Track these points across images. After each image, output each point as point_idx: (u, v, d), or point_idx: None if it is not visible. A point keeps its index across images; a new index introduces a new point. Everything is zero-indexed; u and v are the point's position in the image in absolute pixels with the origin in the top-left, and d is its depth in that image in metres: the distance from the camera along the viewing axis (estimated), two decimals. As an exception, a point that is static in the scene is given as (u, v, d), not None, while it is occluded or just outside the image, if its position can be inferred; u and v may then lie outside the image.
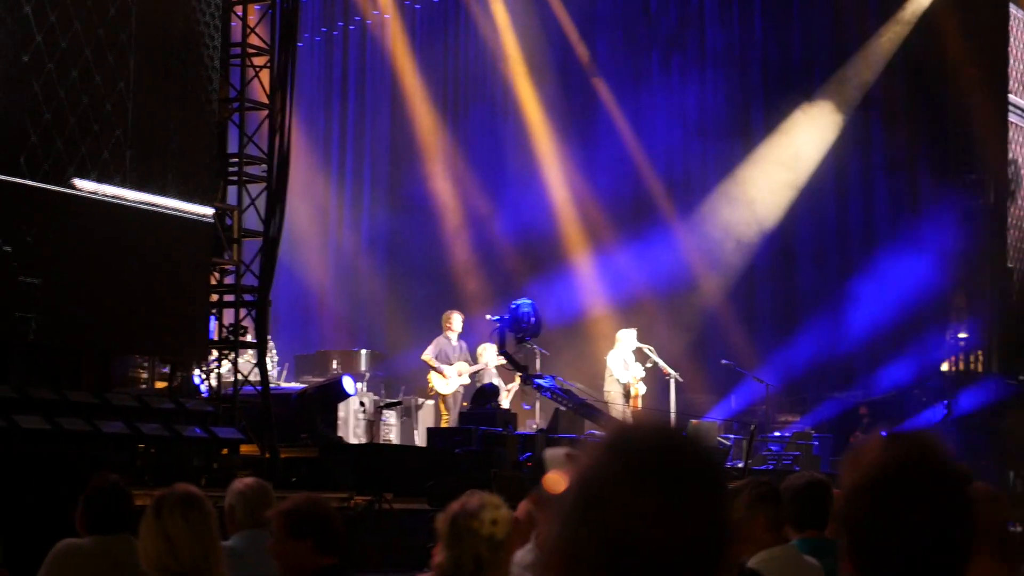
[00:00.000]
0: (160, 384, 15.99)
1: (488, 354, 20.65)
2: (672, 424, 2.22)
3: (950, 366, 24.60)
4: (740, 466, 17.85)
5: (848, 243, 25.86)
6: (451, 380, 20.51)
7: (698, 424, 20.80)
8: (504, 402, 20.24)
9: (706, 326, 25.88)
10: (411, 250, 27.49)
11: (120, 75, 14.55)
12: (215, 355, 16.78)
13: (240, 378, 16.47)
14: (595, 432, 18.68)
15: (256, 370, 16.48)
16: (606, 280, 26.28)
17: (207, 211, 15.58)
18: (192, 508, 5.25)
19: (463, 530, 4.69)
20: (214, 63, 15.84)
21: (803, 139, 25.54)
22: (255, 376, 16.46)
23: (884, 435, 2.55)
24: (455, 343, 20.78)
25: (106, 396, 14.17)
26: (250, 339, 16.94)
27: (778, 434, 22.44)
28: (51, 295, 13.50)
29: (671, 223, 26.55)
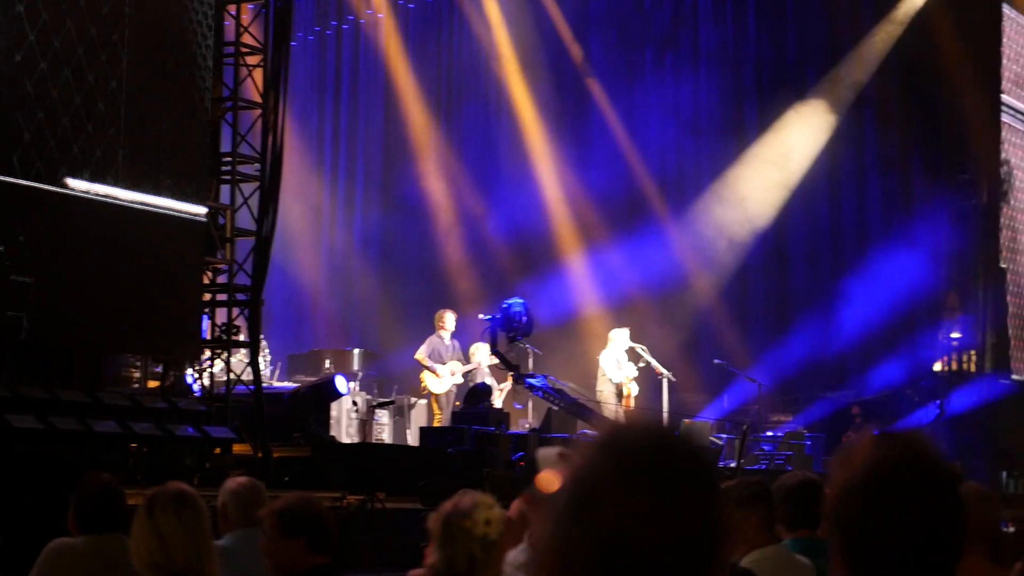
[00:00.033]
0: (152, 383, 15.98)
1: (481, 353, 20.62)
2: (664, 424, 2.22)
3: (943, 366, 24.59)
4: (733, 466, 17.84)
5: (841, 243, 25.86)
6: (444, 379, 20.49)
7: (691, 424, 20.80)
8: (497, 401, 20.23)
9: (699, 325, 25.89)
10: (404, 249, 27.49)
11: (113, 74, 14.54)
12: (208, 354, 16.77)
13: (233, 377, 16.46)
14: (588, 432, 18.67)
15: (249, 369, 16.47)
16: (599, 279, 26.27)
17: (200, 210, 15.57)
18: (185, 506, 5.24)
19: (456, 530, 4.66)
20: (207, 62, 15.83)
21: (796, 138, 25.54)
22: (248, 375, 16.45)
23: (875, 434, 2.54)
24: (448, 342, 20.77)
25: (98, 395, 14.15)
26: (243, 338, 16.94)
27: (770, 434, 22.43)
28: (43, 294, 13.49)
29: (664, 222, 26.55)
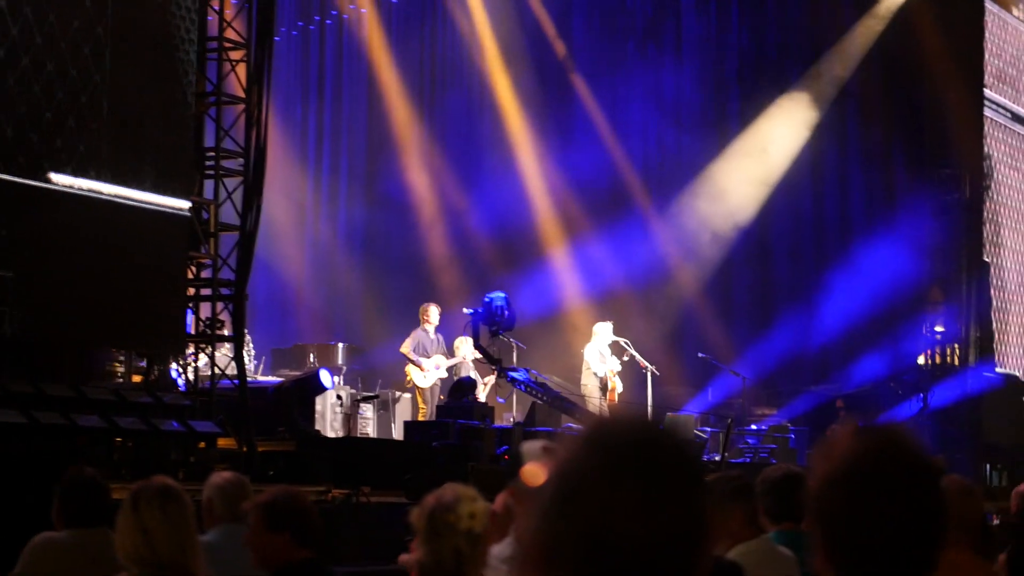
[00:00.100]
0: (137, 378, 15.94)
1: (465, 347, 20.62)
2: (649, 417, 2.23)
3: (926, 359, 24.65)
4: (717, 459, 17.88)
5: (824, 236, 25.89)
6: (429, 373, 20.50)
7: (675, 417, 20.85)
8: (481, 396, 20.23)
9: (682, 319, 25.91)
10: (388, 243, 27.46)
11: (96, 69, 14.49)
12: (192, 349, 16.74)
13: (217, 372, 16.44)
14: (572, 425, 18.69)
15: (233, 364, 16.45)
16: (582, 273, 26.28)
17: (184, 205, 15.53)
18: (169, 500, 5.22)
19: (440, 525, 4.62)
20: (190, 57, 15.78)
21: (779, 132, 25.56)
22: (232, 370, 16.43)
23: (856, 427, 2.55)
24: (433, 336, 20.77)
25: (83, 390, 14.12)
26: (227, 333, 16.91)
27: (754, 427, 22.47)
28: (26, 289, 13.46)
29: (647, 215, 26.58)
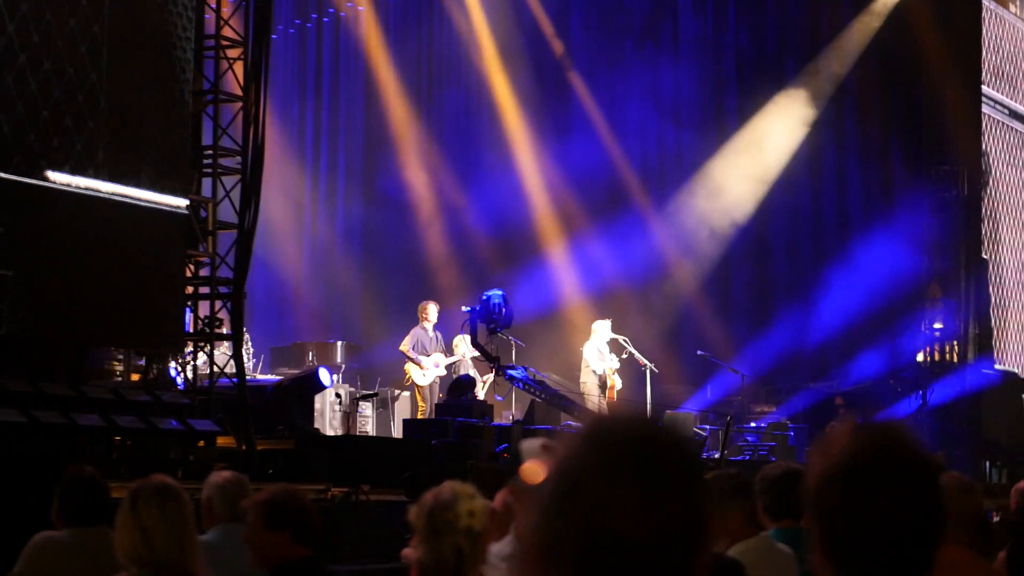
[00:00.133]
0: (135, 376, 15.94)
1: (464, 345, 20.64)
2: (648, 415, 2.23)
3: (925, 356, 24.65)
4: (716, 457, 17.88)
5: (822, 233, 25.90)
6: (428, 371, 20.50)
7: (674, 415, 20.84)
8: (480, 393, 20.24)
9: (681, 316, 25.92)
10: (386, 241, 27.45)
11: (93, 67, 14.47)
12: (191, 347, 16.73)
13: (216, 370, 16.44)
14: (571, 423, 18.69)
15: (232, 362, 16.44)
16: (581, 270, 26.29)
17: (182, 203, 15.52)
18: (168, 499, 5.21)
19: (440, 523, 4.59)
20: (187, 55, 15.77)
21: (777, 129, 25.56)
22: (231, 368, 16.42)
23: (854, 424, 2.55)
24: (432, 334, 20.78)
25: (81, 389, 14.11)
26: (225, 331, 16.90)
27: (754, 425, 22.48)
28: (24, 288, 13.44)
29: (645, 213, 26.58)
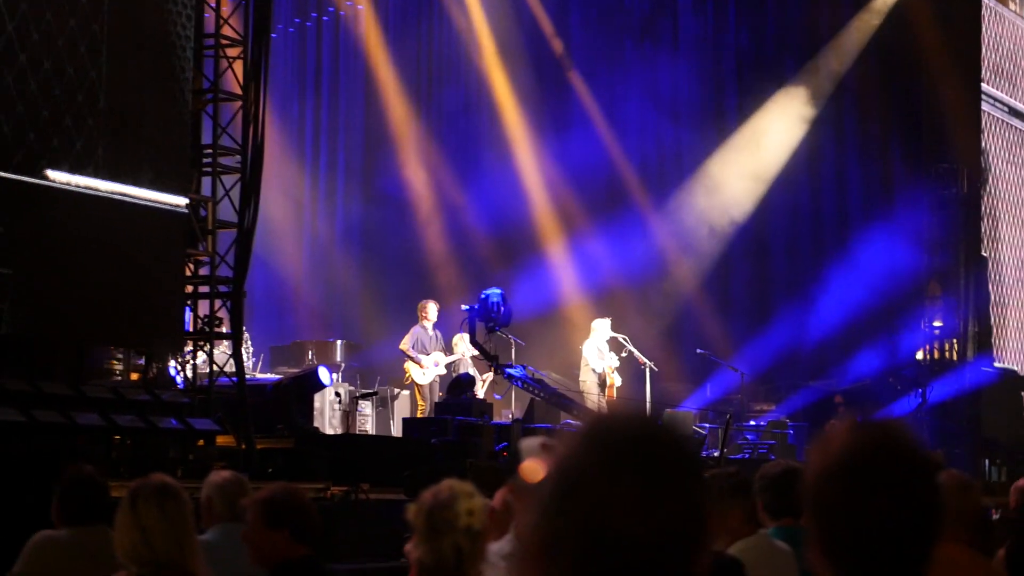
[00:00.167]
0: (135, 375, 15.92)
1: (463, 344, 20.64)
2: (647, 413, 2.23)
3: (925, 354, 24.65)
4: (716, 455, 17.88)
5: (822, 231, 25.90)
6: (428, 370, 20.50)
7: (673, 413, 20.83)
8: (480, 392, 20.24)
9: (680, 314, 25.92)
10: (385, 240, 27.45)
11: (92, 66, 14.47)
12: (190, 346, 16.73)
13: (215, 369, 16.43)
14: (571, 422, 18.69)
15: (231, 361, 16.44)
16: (580, 269, 26.29)
17: (181, 202, 15.52)
18: (168, 498, 5.21)
19: (439, 522, 4.57)
20: (187, 54, 15.77)
21: (776, 127, 25.56)
22: (230, 367, 16.42)
23: (853, 421, 2.55)
24: (431, 332, 20.77)
25: (81, 388, 14.10)
26: (225, 330, 16.90)
27: (753, 423, 22.48)
28: (24, 286, 13.44)
29: (644, 211, 26.57)
